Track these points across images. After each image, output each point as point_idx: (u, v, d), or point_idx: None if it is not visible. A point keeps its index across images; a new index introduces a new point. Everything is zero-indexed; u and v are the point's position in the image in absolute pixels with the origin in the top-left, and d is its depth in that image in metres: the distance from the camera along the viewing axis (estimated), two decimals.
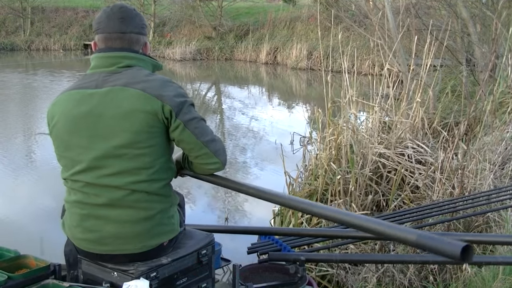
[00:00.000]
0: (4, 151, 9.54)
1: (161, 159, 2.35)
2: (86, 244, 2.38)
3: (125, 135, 2.26)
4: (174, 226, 2.45)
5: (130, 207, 2.30)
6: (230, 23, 28.59)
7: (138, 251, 2.35)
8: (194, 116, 2.36)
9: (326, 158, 5.88)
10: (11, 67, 24.59)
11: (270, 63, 24.34)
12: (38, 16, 35.30)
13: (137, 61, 2.42)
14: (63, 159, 2.40)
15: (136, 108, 2.25)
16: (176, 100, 2.30)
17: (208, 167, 2.47)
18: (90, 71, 2.43)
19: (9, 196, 7.38)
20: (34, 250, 2.70)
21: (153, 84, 2.31)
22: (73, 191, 2.38)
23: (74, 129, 2.33)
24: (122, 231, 2.31)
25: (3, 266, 2.48)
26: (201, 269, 2.55)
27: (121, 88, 2.29)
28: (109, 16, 2.43)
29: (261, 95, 18.04)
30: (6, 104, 15.53)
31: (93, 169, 2.30)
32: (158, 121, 2.28)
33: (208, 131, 2.41)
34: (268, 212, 6.01)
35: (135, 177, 2.29)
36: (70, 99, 2.37)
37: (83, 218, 2.35)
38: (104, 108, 2.29)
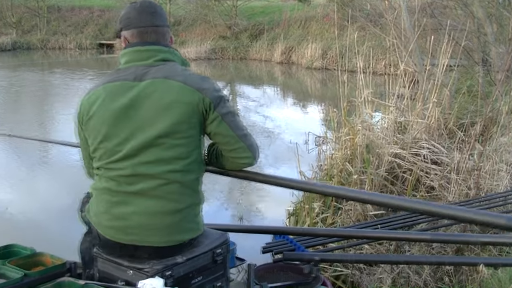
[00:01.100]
0: (21, 148, 9.60)
1: (196, 151, 2.41)
2: (112, 232, 2.39)
3: (165, 125, 2.31)
4: (199, 226, 2.48)
5: (161, 198, 2.33)
6: (245, 22, 28.58)
7: (162, 245, 2.37)
8: (230, 110, 2.43)
9: (341, 158, 5.87)
10: (27, 65, 24.76)
11: (285, 63, 24.29)
12: (54, 15, 35.56)
13: (171, 55, 2.49)
14: (99, 150, 2.42)
15: (178, 99, 2.32)
16: (215, 94, 2.38)
17: (242, 161, 2.53)
18: (125, 65, 2.47)
19: (26, 194, 7.44)
20: (50, 248, 2.71)
21: (193, 77, 2.39)
22: (104, 179, 2.41)
23: (114, 120, 2.36)
24: (150, 222, 2.34)
25: (19, 264, 2.50)
26: (216, 268, 2.55)
27: (162, 80, 2.35)
28: (141, 12, 2.49)
29: (275, 94, 18.04)
30: (23, 101, 15.67)
31: (131, 157, 2.34)
32: (198, 113, 2.35)
33: (243, 126, 2.48)
34: (282, 211, 6.01)
35: (171, 166, 2.33)
36: (108, 92, 2.40)
37: (112, 205, 2.38)
38: (145, 100, 2.34)
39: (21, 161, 8.88)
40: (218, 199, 6.72)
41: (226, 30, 28.39)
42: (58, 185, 7.68)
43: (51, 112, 14.06)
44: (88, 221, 2.54)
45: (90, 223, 2.53)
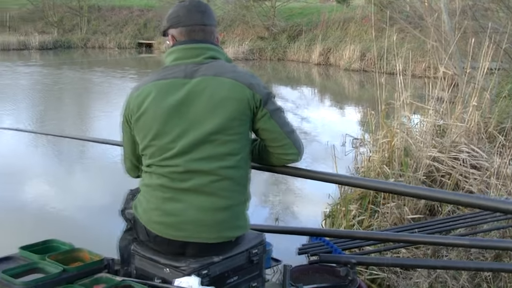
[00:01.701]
0: (61, 145, 9.75)
1: (246, 147, 2.45)
2: (162, 228, 2.40)
3: (218, 122, 2.34)
4: (246, 223, 2.51)
5: (213, 194, 2.36)
6: (283, 23, 28.56)
7: (212, 241, 2.38)
8: (278, 107, 2.47)
9: (378, 161, 5.83)
10: (67, 64, 25.15)
11: (323, 64, 24.21)
12: (95, 15, 36.10)
13: (219, 53, 2.52)
14: (150, 148, 2.44)
15: (229, 96, 2.35)
16: (264, 90, 2.43)
17: (288, 157, 2.56)
18: (173, 62, 2.49)
19: (66, 190, 7.55)
20: (88, 244, 2.74)
21: (243, 74, 2.44)
22: (156, 175, 2.42)
23: (166, 118, 2.38)
24: (201, 217, 2.36)
25: (58, 259, 2.53)
26: (252, 269, 2.55)
27: (213, 77, 2.38)
28: (190, 10, 2.52)
29: (313, 96, 18.00)
30: (66, 99, 15.93)
31: (184, 154, 2.36)
32: (249, 109, 2.38)
33: (289, 122, 2.51)
34: (318, 213, 5.98)
35: (223, 163, 2.36)
36: (158, 89, 2.42)
37: (164, 201, 2.39)
38: (197, 97, 2.37)
39: (61, 158, 9.02)
40: (254, 200, 6.68)
41: (264, 31, 28.41)
42: (97, 182, 7.78)
43: (93, 110, 14.25)
44: (131, 218, 2.56)
45: (132, 220, 2.56)
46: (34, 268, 2.49)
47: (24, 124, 11.98)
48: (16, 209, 6.56)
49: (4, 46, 32.10)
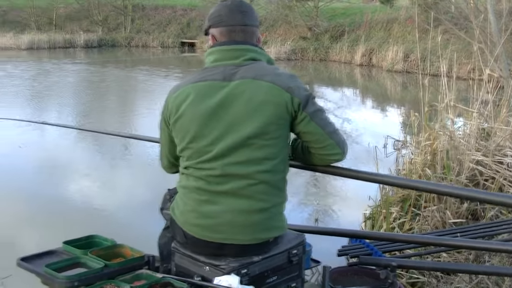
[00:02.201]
0: (105, 142, 9.89)
1: (283, 151, 2.42)
2: (199, 230, 2.41)
3: (255, 126, 2.32)
4: (283, 224, 2.49)
5: (249, 197, 2.35)
6: (325, 23, 28.45)
7: (248, 243, 2.38)
8: (318, 108, 2.43)
9: (420, 163, 5.76)
10: (111, 62, 25.50)
11: (365, 65, 24.05)
12: (138, 14, 36.53)
13: (259, 54, 2.49)
14: (188, 150, 2.44)
15: (267, 100, 2.32)
16: (303, 93, 2.37)
17: (331, 158, 2.53)
18: (213, 63, 2.47)
19: (108, 187, 7.65)
20: (130, 241, 2.77)
21: (282, 76, 2.38)
22: (193, 178, 2.43)
23: (204, 120, 2.38)
24: (237, 219, 2.35)
25: (100, 254, 2.57)
26: (291, 269, 2.55)
27: (252, 80, 2.35)
28: (232, 10, 2.49)
29: (354, 97, 17.89)
30: (110, 96, 16.16)
31: (221, 157, 2.35)
32: (287, 113, 2.35)
33: (331, 122, 2.47)
34: (358, 215, 5.95)
35: (260, 167, 2.35)
36: (197, 92, 2.42)
37: (200, 203, 2.40)
38: (235, 100, 2.35)
39: (104, 155, 9.14)
40: (294, 200, 6.71)
41: (306, 31, 28.35)
42: (140, 179, 7.86)
43: (139, 107, 14.42)
44: (169, 219, 2.59)
45: (170, 221, 2.58)
46: (76, 263, 2.53)
47: (73, 120, 12.27)
48: (60, 204, 6.68)
49: (51, 44, 32.82)
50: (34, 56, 28.39)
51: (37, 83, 18.60)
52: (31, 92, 16.62)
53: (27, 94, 16.08)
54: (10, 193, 7.02)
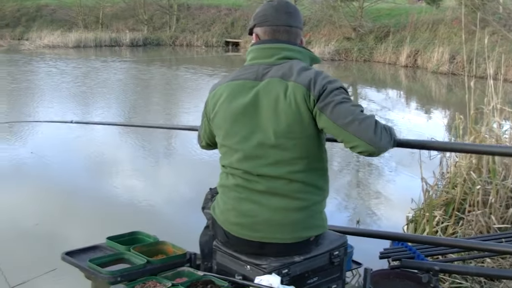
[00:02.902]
0: (149, 140, 10.01)
1: (316, 149, 2.39)
2: (238, 229, 2.43)
3: (281, 126, 2.31)
4: (323, 222, 2.48)
5: (286, 196, 2.35)
6: (370, 24, 28.23)
7: (288, 241, 2.38)
8: (331, 100, 2.27)
9: (465, 167, 5.66)
10: (157, 61, 25.78)
11: (410, 66, 23.78)
12: (183, 13, 36.82)
13: (295, 53, 2.46)
14: (223, 147, 2.49)
15: (290, 100, 2.30)
16: (318, 88, 2.29)
17: (355, 150, 2.28)
18: (249, 62, 2.50)
19: (153, 184, 7.73)
20: (172, 238, 2.80)
21: (305, 76, 2.33)
22: (232, 176, 2.45)
23: (234, 119, 2.40)
24: (275, 218, 2.35)
25: (143, 250, 2.60)
26: (332, 270, 2.54)
27: (279, 80, 2.34)
28: (277, 10, 2.49)
29: (398, 98, 17.71)
30: (156, 94, 16.37)
31: (252, 158, 2.37)
32: (308, 111, 2.30)
33: (347, 112, 2.25)
34: (400, 217, 5.88)
35: (292, 167, 2.34)
36: (230, 90, 2.45)
37: (239, 201, 2.42)
38: (263, 100, 2.36)
39: (149, 153, 9.24)
40: (335, 201, 6.68)
41: (351, 31, 28.18)
42: (183, 177, 7.93)
43: (188, 104, 14.55)
44: (209, 218, 2.61)
45: (211, 221, 2.60)
46: (119, 259, 2.57)
47: (125, 116, 12.60)
48: (104, 200, 6.78)
49: (97, 43, 33.36)
50: (81, 54, 28.89)
51: (88, 80, 19.08)
52: (84, 89, 17.05)
53: (80, 91, 16.51)
54: (57, 188, 7.17)
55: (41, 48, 31.37)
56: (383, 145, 2.27)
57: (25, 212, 6.27)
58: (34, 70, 21.86)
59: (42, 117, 11.94)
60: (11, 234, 5.69)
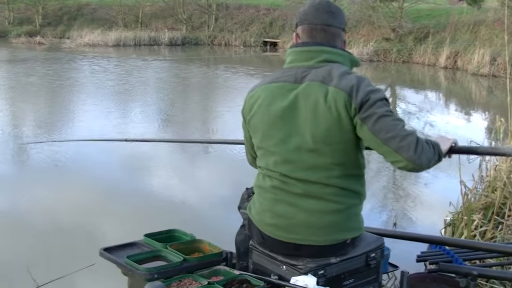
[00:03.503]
0: (186, 138, 10.10)
1: (354, 155, 2.36)
2: (274, 230, 2.42)
3: (319, 131, 2.28)
4: (360, 225, 2.46)
5: (323, 199, 2.33)
6: (410, 25, 27.93)
7: (323, 244, 2.37)
8: (374, 113, 2.23)
9: (506, 170, 5.58)
10: (196, 60, 25.95)
11: (449, 68, 23.46)
12: (222, 13, 36.92)
13: (335, 56, 2.42)
14: (260, 150, 2.48)
15: (330, 105, 2.26)
16: (360, 98, 2.24)
17: (396, 165, 2.27)
18: (288, 64, 2.47)
19: (190, 182, 7.79)
20: (208, 236, 2.81)
21: (347, 81, 2.27)
22: (268, 178, 2.44)
23: (271, 121, 2.39)
24: (311, 220, 2.34)
25: (179, 248, 2.62)
26: (369, 272, 2.52)
27: (318, 84, 2.31)
28: (318, 9, 2.46)
29: (437, 100, 17.50)
30: (190, 92, 16.50)
31: (289, 162, 2.35)
32: (348, 118, 2.26)
33: (390, 127, 2.22)
34: (438, 220, 5.82)
35: (329, 172, 2.32)
36: (268, 92, 2.43)
37: (276, 203, 2.41)
38: (301, 103, 2.33)
39: (183, 149, 9.30)
40: (372, 203, 6.64)
41: (390, 32, 27.93)
42: (220, 176, 7.96)
43: (229, 103, 14.66)
44: (245, 218, 2.61)
45: (247, 221, 2.60)
46: (156, 256, 2.60)
47: (171, 112, 13.02)
48: (143, 197, 6.86)
49: (136, 42, 33.71)
50: (121, 53, 29.22)
51: (131, 78, 19.44)
52: (127, 86, 17.39)
53: (124, 89, 16.87)
54: (97, 185, 7.28)
55: (81, 46, 31.81)
56: (423, 162, 2.24)
57: (66, 208, 6.39)
58: (78, 68, 22.27)
59: (88, 115, 12.38)
60: (51, 228, 5.81)
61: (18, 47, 31.11)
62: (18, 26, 38.57)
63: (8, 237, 5.60)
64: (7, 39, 35.69)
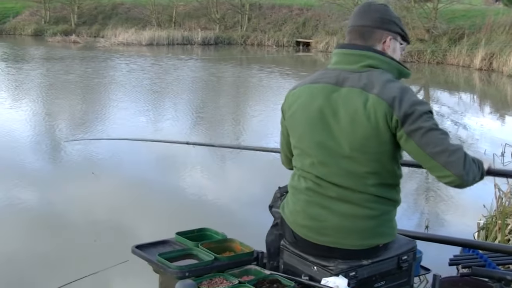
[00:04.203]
0: (218, 137, 10.14)
1: (390, 165, 2.32)
2: (306, 232, 2.42)
3: (356, 139, 2.25)
4: (393, 231, 2.44)
5: (357, 204, 2.31)
6: (444, 26, 27.65)
7: (355, 248, 2.35)
8: (421, 126, 2.18)
9: None
10: (229, 60, 26.04)
11: (485, 69, 23.15)
12: (255, 13, 36.99)
13: (381, 63, 2.37)
14: (296, 149, 2.48)
15: (369, 114, 2.22)
16: (404, 110, 2.19)
17: (442, 180, 2.22)
18: (331, 66, 2.45)
19: (222, 181, 7.82)
20: (240, 235, 2.82)
21: (389, 91, 2.23)
22: (303, 179, 2.43)
23: (309, 122, 2.38)
24: (344, 224, 2.33)
25: (211, 247, 2.62)
26: (400, 275, 2.50)
27: (360, 90, 2.27)
28: (360, 10, 2.46)
29: (471, 102, 17.30)
30: (228, 91, 16.61)
31: (324, 165, 2.34)
32: (388, 129, 2.22)
33: (438, 142, 2.18)
34: (471, 224, 5.76)
35: (364, 181, 2.29)
36: (309, 92, 2.42)
37: (309, 204, 2.40)
38: (340, 107, 2.30)
39: (217, 149, 9.34)
40: (404, 205, 6.53)
41: (424, 33, 27.68)
42: (252, 176, 7.98)
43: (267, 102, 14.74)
44: (278, 217, 2.61)
45: (279, 220, 2.60)
46: (188, 254, 2.60)
47: (209, 110, 13.14)
48: (175, 196, 6.92)
49: (169, 41, 33.97)
50: (156, 52, 29.45)
51: (168, 76, 19.81)
52: (164, 84, 17.65)
53: (160, 87, 17.11)
54: (132, 184, 7.36)
55: (115, 45, 32.14)
56: (471, 179, 2.23)
57: (102, 205, 6.47)
58: (116, 66, 22.57)
59: (130, 110, 12.77)
60: (87, 225, 5.89)
61: (54, 46, 31.56)
62: (54, 25, 39.20)
63: (46, 232, 5.70)
64: (43, 38, 36.30)
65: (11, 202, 6.53)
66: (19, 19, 40.86)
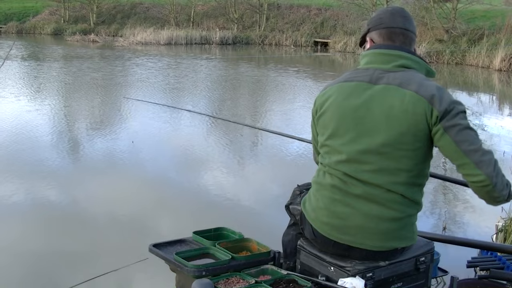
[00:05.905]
0: (238, 135, 10.15)
1: (421, 164, 2.35)
2: (328, 229, 2.42)
3: (391, 134, 2.28)
4: (414, 235, 2.45)
5: (382, 204, 2.32)
6: (464, 26, 27.47)
7: (375, 249, 2.36)
8: (458, 123, 2.25)
9: None
10: (248, 59, 26.08)
11: (504, 70, 22.94)
12: (273, 12, 37.00)
13: (413, 62, 2.43)
14: (325, 147, 2.48)
15: (407, 109, 2.26)
16: (444, 106, 2.25)
17: (470, 179, 2.25)
18: (364, 65, 2.49)
19: (239, 181, 7.82)
20: (257, 235, 2.83)
21: (427, 88, 2.29)
22: (329, 176, 2.44)
23: (342, 120, 2.40)
24: (367, 225, 2.34)
25: (228, 246, 2.64)
26: (418, 276, 2.50)
27: (396, 87, 2.32)
28: (393, 14, 2.51)
29: (490, 103, 17.15)
30: (238, 92, 16.62)
31: (354, 162, 2.35)
32: (426, 125, 2.26)
33: (473, 140, 2.24)
34: (489, 226, 5.72)
35: (394, 178, 2.31)
36: (342, 90, 2.45)
37: (333, 202, 2.41)
38: (375, 104, 2.33)
39: (232, 149, 9.35)
40: (423, 207, 6.54)
41: (443, 33, 27.53)
42: (271, 175, 7.97)
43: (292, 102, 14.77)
44: (298, 214, 2.61)
45: (298, 216, 2.60)
46: (205, 253, 2.62)
47: (230, 110, 13.25)
48: (192, 195, 6.93)
49: (187, 40, 34.06)
50: (174, 51, 29.54)
51: (193, 74, 19.99)
52: (191, 83, 17.79)
53: (183, 86, 17.16)
54: (150, 182, 7.39)
55: (134, 44, 32.28)
56: (498, 184, 2.23)
57: (120, 202, 6.51)
58: (144, 64, 22.65)
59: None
60: (107, 223, 5.93)
61: (73, 45, 31.78)
62: (73, 24, 39.50)
63: (67, 229, 5.73)
64: (62, 37, 36.56)
65: (37, 196, 6.62)
66: (38, 18, 41.26)
